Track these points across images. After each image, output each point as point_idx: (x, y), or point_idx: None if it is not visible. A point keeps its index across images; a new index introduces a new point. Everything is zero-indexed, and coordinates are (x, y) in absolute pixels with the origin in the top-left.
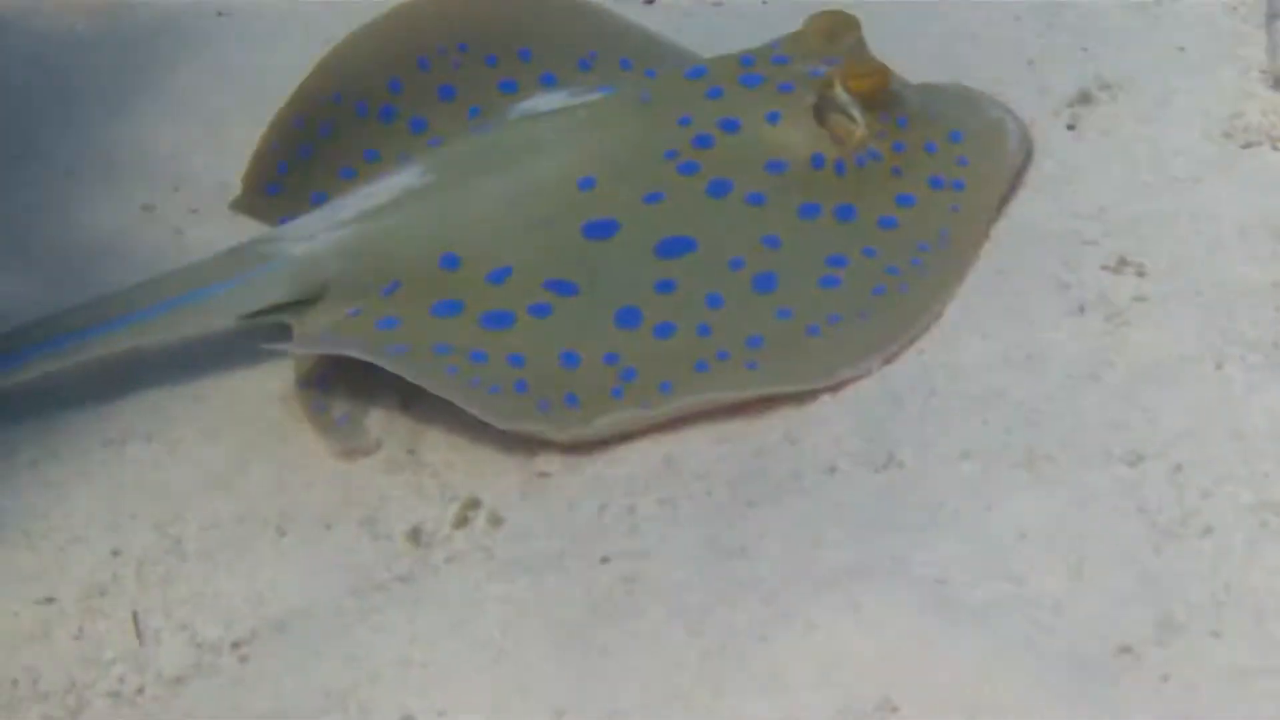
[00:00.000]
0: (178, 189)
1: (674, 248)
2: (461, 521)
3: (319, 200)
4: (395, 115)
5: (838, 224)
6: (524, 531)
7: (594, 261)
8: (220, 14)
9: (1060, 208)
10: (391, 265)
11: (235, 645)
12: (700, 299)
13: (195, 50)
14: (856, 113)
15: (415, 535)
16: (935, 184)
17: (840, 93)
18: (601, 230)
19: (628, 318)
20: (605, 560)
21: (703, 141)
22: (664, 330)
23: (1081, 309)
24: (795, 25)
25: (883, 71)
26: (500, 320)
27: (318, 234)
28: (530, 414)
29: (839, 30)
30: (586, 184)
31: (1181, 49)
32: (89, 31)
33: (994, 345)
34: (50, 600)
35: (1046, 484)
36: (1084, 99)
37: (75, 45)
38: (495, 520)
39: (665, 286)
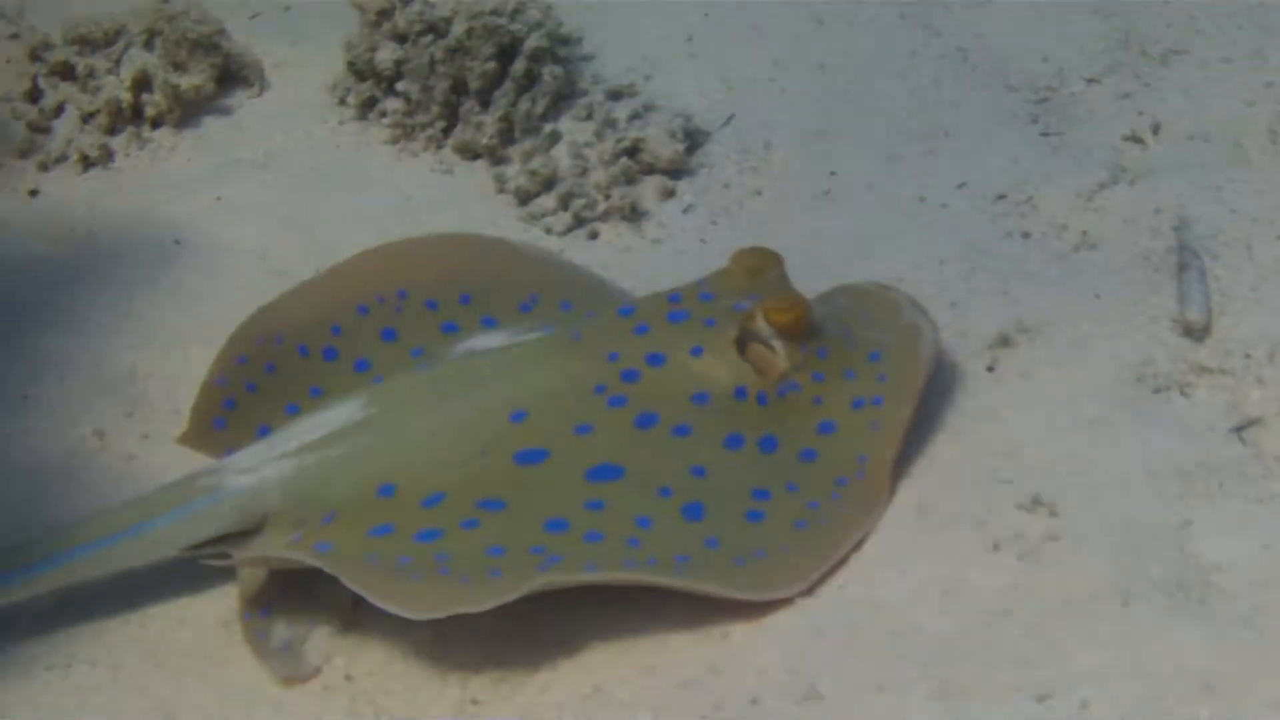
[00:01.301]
0: (131, 414)
1: (603, 474)
2: None
3: (264, 433)
4: (338, 355)
5: (761, 456)
6: None
7: (524, 483)
8: (177, 242)
9: (978, 448)
10: (330, 496)
11: None
12: (630, 519)
13: (153, 276)
14: (778, 345)
15: None
16: (856, 405)
17: (762, 325)
18: (532, 458)
19: (556, 525)
20: None
21: (630, 376)
22: (592, 536)
23: (996, 546)
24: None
25: (802, 304)
26: (431, 535)
27: (259, 466)
28: (450, 596)
29: (762, 266)
30: (518, 416)
31: (1097, 296)
32: (50, 256)
33: (911, 581)
34: None
35: None
36: (1003, 342)
37: (36, 269)
38: None
39: (595, 505)
